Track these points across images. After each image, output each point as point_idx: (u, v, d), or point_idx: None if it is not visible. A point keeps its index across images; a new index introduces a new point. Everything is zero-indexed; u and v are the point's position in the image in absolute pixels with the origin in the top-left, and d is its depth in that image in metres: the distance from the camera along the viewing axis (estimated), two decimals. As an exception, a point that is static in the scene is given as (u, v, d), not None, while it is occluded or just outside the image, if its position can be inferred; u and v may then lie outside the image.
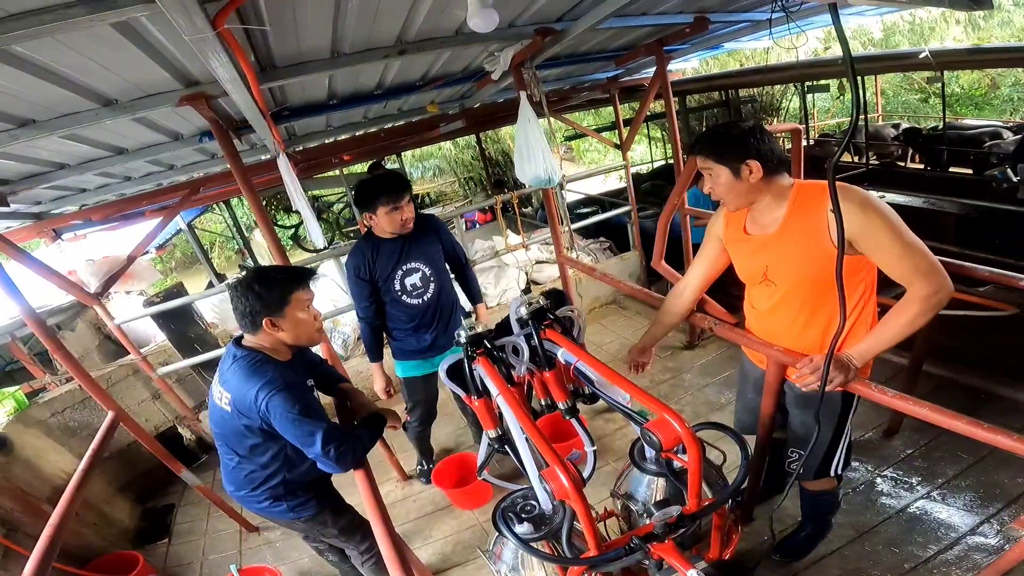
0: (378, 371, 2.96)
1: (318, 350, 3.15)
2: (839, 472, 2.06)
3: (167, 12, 1.23)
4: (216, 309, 5.36)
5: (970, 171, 6.80)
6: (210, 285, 6.63)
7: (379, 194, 2.57)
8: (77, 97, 2.01)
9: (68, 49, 1.59)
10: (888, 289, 1.74)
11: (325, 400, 3.57)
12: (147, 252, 4.94)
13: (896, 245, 1.55)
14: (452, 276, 3.03)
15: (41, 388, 4.20)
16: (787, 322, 1.89)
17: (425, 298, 2.85)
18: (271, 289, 1.87)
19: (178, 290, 4.78)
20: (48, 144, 2.49)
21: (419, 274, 2.81)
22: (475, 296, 3.20)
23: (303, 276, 1.97)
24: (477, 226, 8.55)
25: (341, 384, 2.39)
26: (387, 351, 3.05)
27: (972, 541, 2.36)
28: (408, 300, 2.83)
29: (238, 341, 1.96)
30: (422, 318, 2.88)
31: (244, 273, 1.96)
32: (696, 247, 4.06)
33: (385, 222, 2.62)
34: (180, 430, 4.33)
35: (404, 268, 2.77)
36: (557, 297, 2.78)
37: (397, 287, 2.78)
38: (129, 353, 3.90)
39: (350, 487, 2.09)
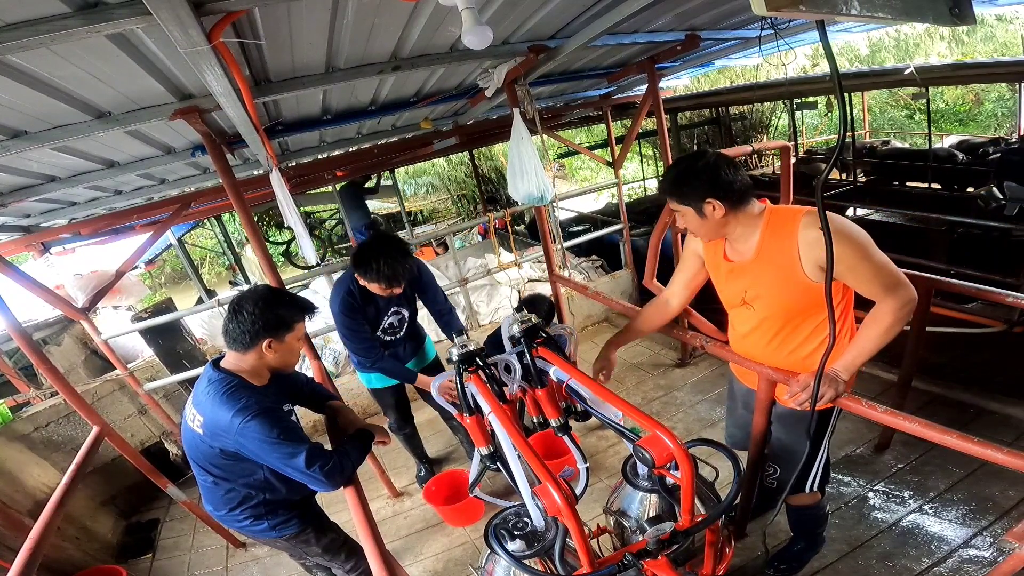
0: (426, 379, 2.78)
1: (308, 369, 3.14)
2: (815, 489, 2.07)
3: (163, 25, 1.24)
4: (205, 325, 5.32)
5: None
6: (200, 301, 6.58)
7: (377, 276, 2.55)
8: (70, 109, 2.00)
9: (63, 60, 1.59)
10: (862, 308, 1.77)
11: (316, 417, 3.56)
12: (136, 267, 4.91)
13: (866, 267, 1.59)
14: (434, 315, 3.04)
15: (25, 402, 4.15)
16: (763, 343, 1.93)
17: (399, 335, 2.98)
18: (283, 312, 1.89)
19: (167, 306, 4.75)
20: (39, 156, 2.47)
21: (398, 316, 2.92)
22: (458, 331, 3.16)
23: (309, 308, 2.01)
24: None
25: (330, 402, 2.37)
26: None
27: (965, 554, 2.36)
28: (384, 338, 2.93)
29: (216, 363, 1.93)
30: (393, 349, 3.00)
31: (251, 289, 1.94)
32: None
33: (375, 289, 2.64)
34: (166, 445, 4.27)
35: (389, 313, 2.87)
36: (537, 302, 2.76)
37: (378, 331, 2.88)
38: (116, 368, 3.86)
39: (339, 504, 2.06)
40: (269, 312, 1.85)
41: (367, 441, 2.14)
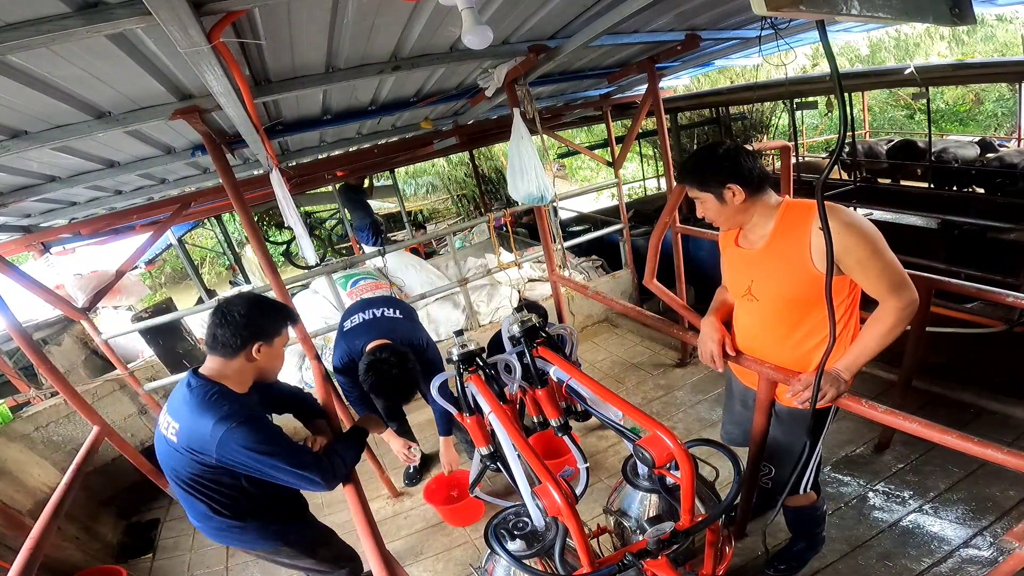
0: (392, 435, 2.88)
1: (307, 370, 3.13)
2: (808, 490, 2.06)
3: (163, 25, 1.24)
4: (205, 325, 5.31)
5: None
6: (200, 301, 6.58)
7: (376, 394, 2.58)
8: (70, 109, 2.01)
9: (63, 60, 1.59)
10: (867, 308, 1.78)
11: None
12: (136, 267, 4.91)
13: (876, 264, 1.59)
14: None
15: (25, 402, 4.14)
16: (764, 337, 1.93)
17: None
18: (275, 316, 1.90)
19: (167, 305, 4.76)
20: (39, 156, 2.47)
21: None
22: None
23: (295, 317, 2.04)
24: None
25: (316, 420, 2.33)
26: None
27: (965, 554, 2.36)
28: None
29: (196, 370, 1.87)
30: None
31: (238, 295, 1.92)
32: (686, 262, 4.11)
33: None
34: (167, 446, 4.27)
35: None
36: (531, 310, 2.78)
37: None
38: (116, 368, 3.86)
39: (340, 504, 2.06)
40: (260, 316, 1.85)
41: (361, 439, 2.13)
